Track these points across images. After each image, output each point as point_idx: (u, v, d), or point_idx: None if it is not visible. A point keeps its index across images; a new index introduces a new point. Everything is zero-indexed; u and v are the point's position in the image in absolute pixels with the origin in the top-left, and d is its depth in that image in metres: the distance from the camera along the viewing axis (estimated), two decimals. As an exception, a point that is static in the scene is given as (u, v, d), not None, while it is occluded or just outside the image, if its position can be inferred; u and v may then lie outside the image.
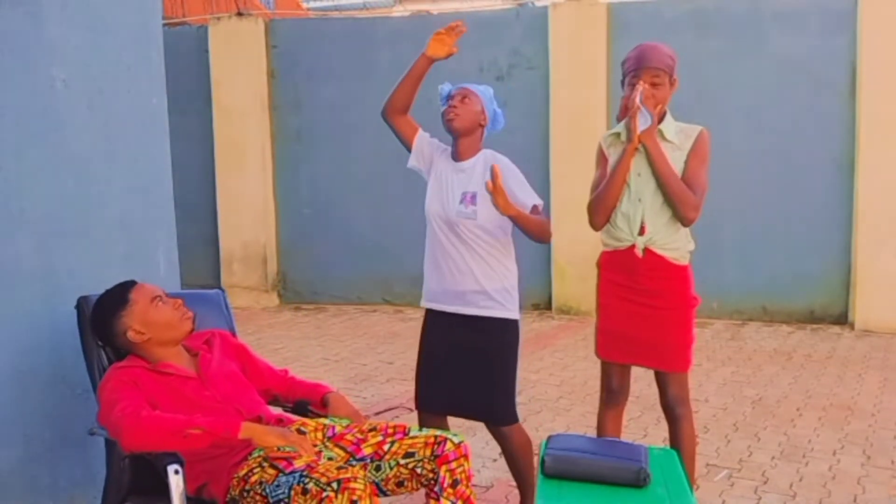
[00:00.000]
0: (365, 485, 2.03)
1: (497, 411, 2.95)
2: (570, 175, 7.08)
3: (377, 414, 4.45)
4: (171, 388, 2.35)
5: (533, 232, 2.84)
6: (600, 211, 2.88)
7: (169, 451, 2.14)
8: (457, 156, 2.97)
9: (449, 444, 2.30)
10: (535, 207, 2.88)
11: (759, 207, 6.87)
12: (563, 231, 7.31)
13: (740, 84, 6.80)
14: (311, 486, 2.04)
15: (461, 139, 2.95)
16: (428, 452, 2.30)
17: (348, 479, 2.02)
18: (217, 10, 9.34)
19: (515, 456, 3.02)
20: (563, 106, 7.15)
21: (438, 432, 2.34)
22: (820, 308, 6.93)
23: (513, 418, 2.96)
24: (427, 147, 3.04)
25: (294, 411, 2.61)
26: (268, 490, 2.14)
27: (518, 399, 2.97)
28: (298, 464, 2.13)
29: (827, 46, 6.68)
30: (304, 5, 14.56)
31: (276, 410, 2.56)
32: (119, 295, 2.42)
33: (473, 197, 2.87)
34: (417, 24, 8.37)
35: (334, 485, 2.01)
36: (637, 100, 2.73)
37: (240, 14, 8.03)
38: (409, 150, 3.06)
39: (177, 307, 2.44)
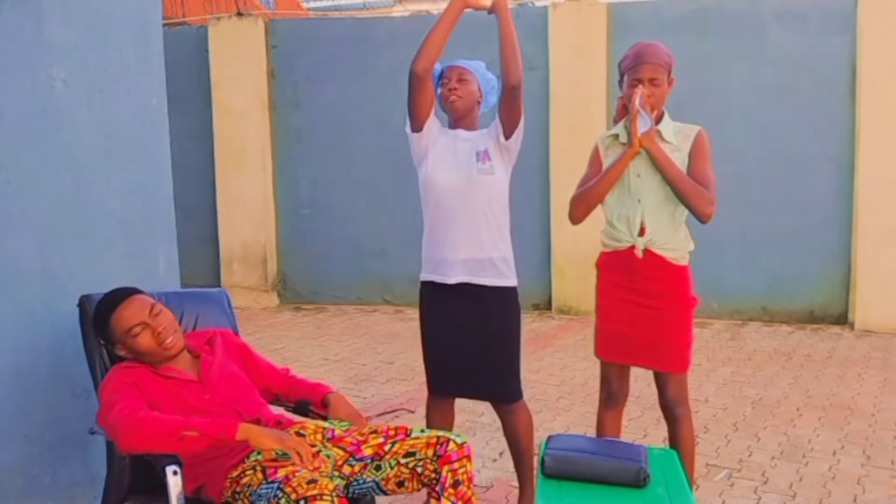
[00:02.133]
0: (332, 500, 2.00)
1: (505, 388, 2.97)
2: (570, 175, 7.03)
3: (378, 416, 4.45)
4: (171, 392, 2.35)
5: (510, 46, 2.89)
6: (583, 206, 2.89)
7: (167, 453, 2.14)
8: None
9: (452, 445, 2.29)
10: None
11: (759, 207, 6.87)
12: (562, 231, 7.33)
13: (740, 84, 6.80)
14: (283, 501, 2.03)
15: (461, 120, 2.96)
16: (430, 453, 2.29)
17: (314, 498, 1.99)
18: (217, 10, 9.35)
19: (519, 434, 3.03)
20: (563, 106, 7.15)
21: (441, 433, 2.34)
22: (820, 308, 6.93)
23: (519, 394, 3.00)
24: (435, 127, 3.00)
25: (295, 411, 2.61)
26: (253, 496, 2.14)
27: (522, 374, 3.01)
28: (281, 473, 2.11)
29: (827, 46, 6.68)
30: (304, 5, 14.57)
31: (278, 411, 2.56)
32: (103, 314, 2.40)
33: (486, 153, 2.89)
34: (417, 24, 8.37)
35: (302, 502, 2.00)
36: (637, 103, 2.73)
37: (240, 14, 8.03)
38: (414, 115, 2.99)
39: (156, 335, 2.37)
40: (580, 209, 2.90)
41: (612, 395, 3.01)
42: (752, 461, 3.86)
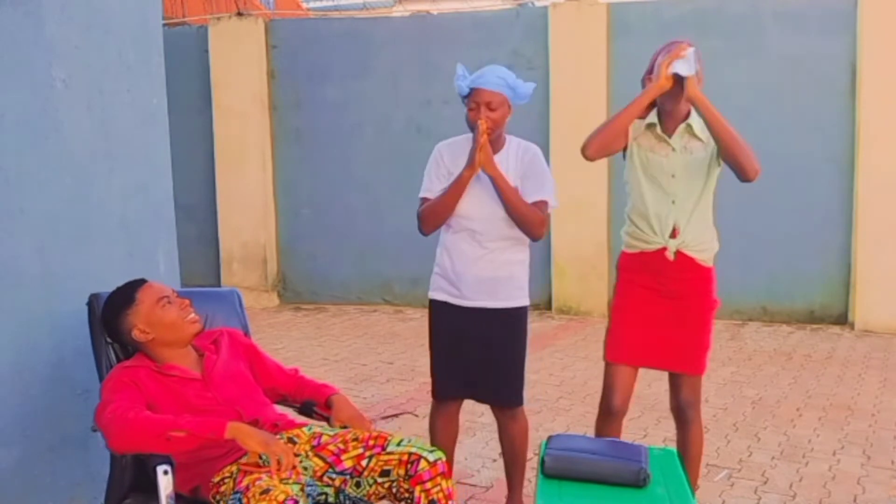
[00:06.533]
0: None
1: (513, 393, 3.00)
2: (570, 175, 7.08)
3: (384, 419, 4.44)
4: (172, 390, 2.35)
5: (512, 207, 2.83)
6: (594, 142, 2.84)
7: (157, 453, 2.14)
8: None
9: (423, 464, 2.21)
10: (540, 202, 2.89)
11: (759, 207, 6.86)
12: (563, 231, 7.33)
13: (740, 84, 6.79)
14: None
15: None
16: (402, 471, 2.23)
17: None
18: (217, 10, 9.34)
19: (518, 438, 3.05)
20: (563, 106, 7.15)
21: (414, 448, 2.25)
22: (820, 308, 6.93)
23: (522, 398, 3.03)
24: (445, 175, 2.93)
25: (301, 412, 2.61)
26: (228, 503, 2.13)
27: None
28: (245, 482, 2.09)
29: (827, 46, 6.68)
30: (304, 5, 14.57)
31: (283, 412, 2.55)
32: (127, 293, 2.42)
33: (516, 188, 2.89)
34: (417, 24, 8.36)
35: None
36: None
37: (240, 14, 8.03)
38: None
39: (183, 308, 2.43)
40: (592, 146, 2.83)
41: (611, 411, 2.90)
42: (752, 461, 3.86)
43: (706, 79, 2.88)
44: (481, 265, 2.91)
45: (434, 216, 2.90)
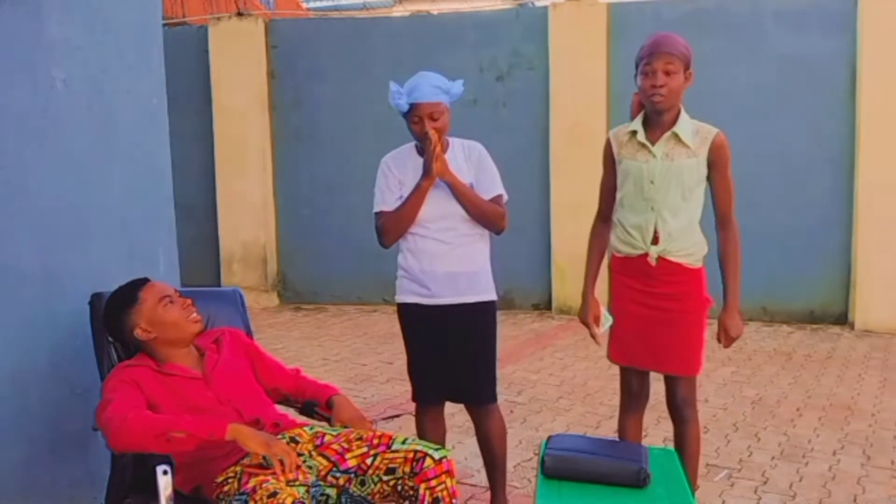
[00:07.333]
0: None
1: (485, 390, 3.02)
2: (570, 175, 7.08)
3: (384, 419, 4.44)
4: (173, 390, 2.35)
5: (473, 207, 2.89)
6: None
7: (157, 453, 2.14)
8: None
9: (428, 461, 2.22)
10: (496, 197, 2.95)
11: (758, 207, 6.85)
12: (562, 231, 7.33)
13: (740, 84, 6.80)
14: None
15: None
16: (407, 469, 2.23)
17: None
18: (217, 10, 9.34)
19: (494, 439, 3.06)
20: (562, 106, 7.15)
21: (419, 447, 2.27)
22: (820, 308, 6.93)
23: (494, 396, 3.05)
24: (396, 186, 2.99)
25: (302, 412, 2.61)
26: None
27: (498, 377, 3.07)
28: (252, 483, 2.08)
29: (827, 46, 6.68)
30: (304, 5, 14.58)
31: (285, 412, 2.55)
32: (129, 292, 2.43)
33: (471, 186, 2.93)
34: (417, 24, 8.37)
35: None
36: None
37: (240, 14, 8.03)
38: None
39: (185, 307, 2.43)
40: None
41: (633, 399, 2.96)
42: (752, 461, 3.86)
43: (706, 79, 2.86)
44: (449, 260, 2.92)
45: (396, 227, 2.95)
